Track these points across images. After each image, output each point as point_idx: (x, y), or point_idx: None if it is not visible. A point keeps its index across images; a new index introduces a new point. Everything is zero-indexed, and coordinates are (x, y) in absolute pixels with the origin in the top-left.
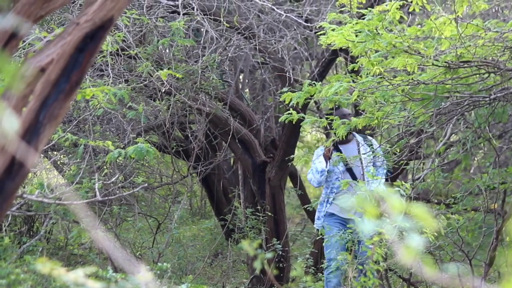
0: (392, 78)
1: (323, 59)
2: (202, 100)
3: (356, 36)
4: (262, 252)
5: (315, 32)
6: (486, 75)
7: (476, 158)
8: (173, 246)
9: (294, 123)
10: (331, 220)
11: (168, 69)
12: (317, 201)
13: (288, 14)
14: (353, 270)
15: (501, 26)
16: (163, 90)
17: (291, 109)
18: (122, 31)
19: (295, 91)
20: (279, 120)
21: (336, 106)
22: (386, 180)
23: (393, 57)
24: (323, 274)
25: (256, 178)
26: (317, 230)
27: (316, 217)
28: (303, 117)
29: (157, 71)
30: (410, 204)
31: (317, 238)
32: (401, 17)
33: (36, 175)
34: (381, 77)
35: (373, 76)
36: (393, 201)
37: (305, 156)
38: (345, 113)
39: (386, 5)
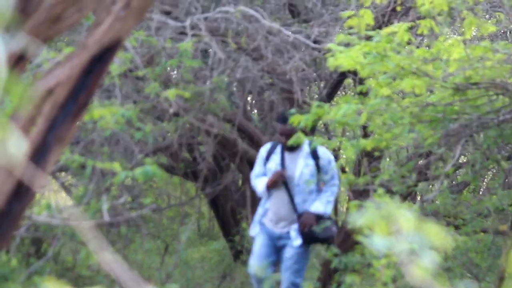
0: (400, 100)
1: (332, 81)
2: (210, 121)
3: (364, 58)
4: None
5: (324, 53)
6: (495, 96)
7: (485, 180)
8: (181, 268)
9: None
10: (261, 228)
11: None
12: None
13: (296, 36)
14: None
15: (509, 48)
16: (171, 111)
17: (299, 130)
18: (130, 52)
19: (304, 113)
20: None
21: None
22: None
23: (401, 79)
24: None
25: None
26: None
27: (252, 223)
28: (312, 139)
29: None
30: (421, 222)
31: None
32: (409, 39)
33: (44, 196)
34: (389, 99)
35: (381, 97)
36: (404, 218)
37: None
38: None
39: (395, 27)
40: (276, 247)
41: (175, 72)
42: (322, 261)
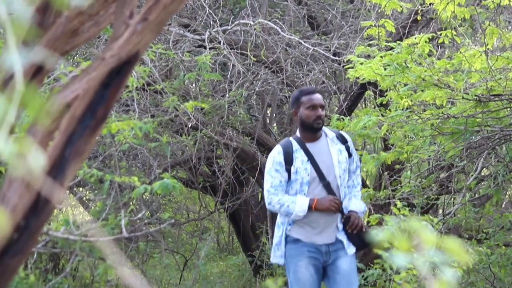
0: (421, 112)
1: (352, 93)
2: (229, 135)
3: (385, 69)
4: None
5: (343, 66)
6: None
7: (507, 193)
8: (201, 283)
9: None
10: (295, 248)
11: None
12: None
13: (315, 48)
14: None
15: None
16: (189, 125)
17: None
18: (148, 66)
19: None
20: None
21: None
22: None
23: (422, 91)
24: None
25: None
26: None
27: (272, 248)
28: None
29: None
30: (441, 238)
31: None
32: (430, 50)
33: (62, 212)
34: (410, 111)
35: (402, 109)
36: (424, 234)
37: None
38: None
39: (415, 38)
40: (320, 268)
41: (194, 85)
42: None
